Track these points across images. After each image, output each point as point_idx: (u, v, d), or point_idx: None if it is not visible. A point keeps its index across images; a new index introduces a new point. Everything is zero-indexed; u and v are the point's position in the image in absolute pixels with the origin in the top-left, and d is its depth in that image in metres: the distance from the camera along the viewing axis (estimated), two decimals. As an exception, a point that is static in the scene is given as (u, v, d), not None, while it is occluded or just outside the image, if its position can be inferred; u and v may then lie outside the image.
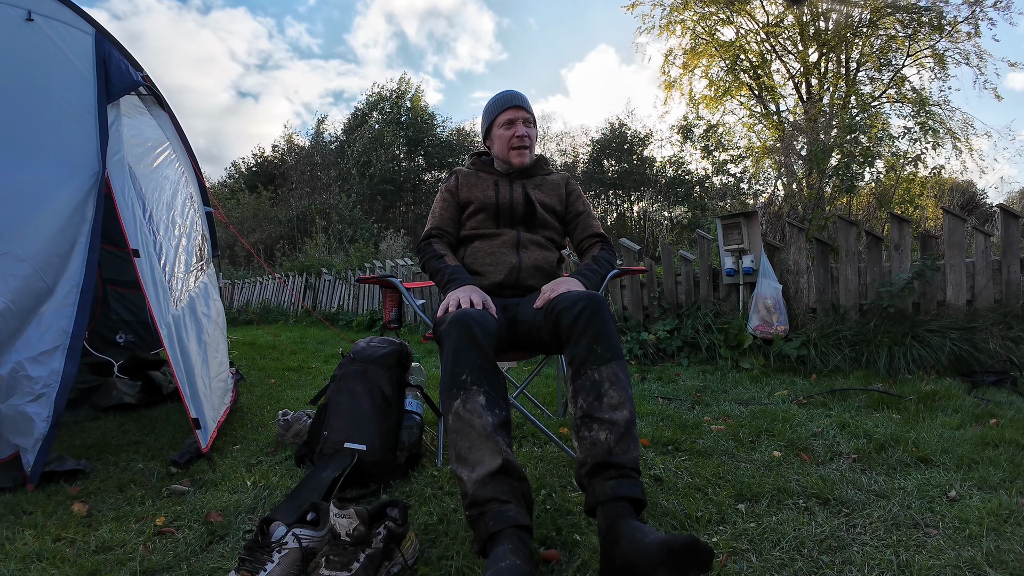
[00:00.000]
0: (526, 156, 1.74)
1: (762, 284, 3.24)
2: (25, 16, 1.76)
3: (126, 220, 1.77)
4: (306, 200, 14.66)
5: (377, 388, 1.67)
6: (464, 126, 19.25)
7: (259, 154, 20.46)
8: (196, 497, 1.52)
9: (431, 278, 1.66)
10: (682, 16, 10.64)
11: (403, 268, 6.13)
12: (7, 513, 1.43)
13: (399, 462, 1.63)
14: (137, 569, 1.15)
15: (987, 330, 2.78)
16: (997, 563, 1.05)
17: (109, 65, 1.87)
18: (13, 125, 1.71)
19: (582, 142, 17.12)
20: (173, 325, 1.86)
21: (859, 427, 1.92)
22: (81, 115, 1.77)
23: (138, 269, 1.77)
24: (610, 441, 1.10)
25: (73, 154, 1.74)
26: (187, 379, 1.81)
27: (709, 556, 0.87)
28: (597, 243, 1.79)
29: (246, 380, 3.24)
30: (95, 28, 1.89)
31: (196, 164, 2.87)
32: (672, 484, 1.49)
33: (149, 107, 2.40)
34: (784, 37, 10.42)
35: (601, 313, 1.23)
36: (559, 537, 1.22)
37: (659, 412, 2.24)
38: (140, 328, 3.44)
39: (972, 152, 9.31)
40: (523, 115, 1.73)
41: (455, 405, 1.12)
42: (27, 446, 1.56)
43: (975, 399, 2.25)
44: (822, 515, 1.28)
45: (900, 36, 9.31)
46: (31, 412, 1.55)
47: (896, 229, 3.10)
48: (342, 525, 1.05)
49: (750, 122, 11.22)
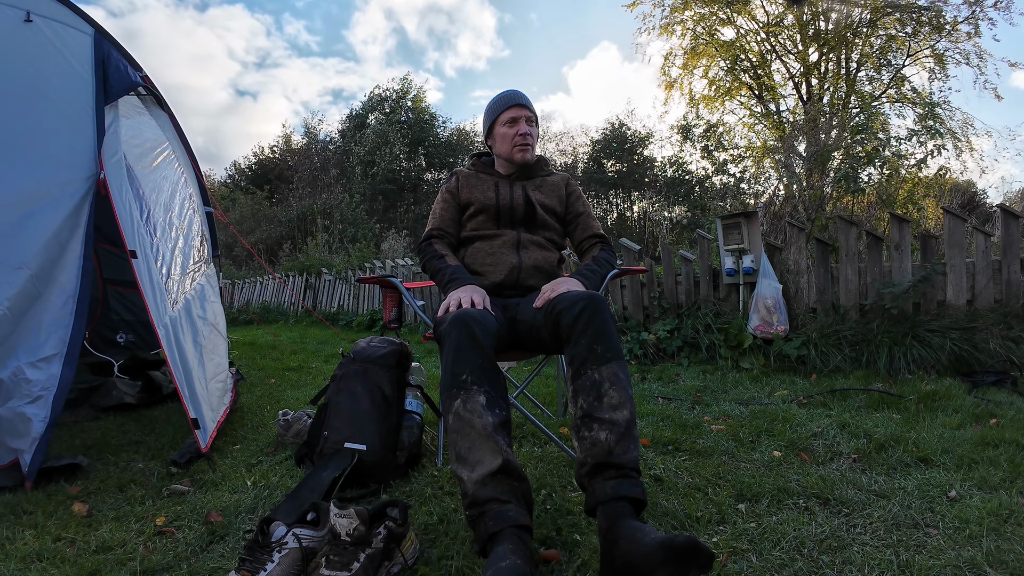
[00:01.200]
0: (528, 153, 1.75)
1: (762, 284, 3.24)
2: (24, 17, 1.76)
3: (123, 221, 1.77)
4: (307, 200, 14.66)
5: (377, 388, 1.67)
6: (464, 126, 19.25)
7: (259, 153, 20.48)
8: (196, 497, 1.52)
9: (431, 278, 1.66)
10: (682, 16, 10.64)
11: (403, 268, 6.13)
12: (7, 513, 1.43)
13: (399, 462, 1.63)
14: (137, 569, 1.15)
15: (987, 330, 2.78)
16: (997, 563, 1.05)
17: (108, 66, 1.87)
18: (10, 127, 1.70)
19: (582, 142, 17.13)
20: (171, 326, 1.86)
21: (859, 427, 1.92)
22: (79, 116, 1.77)
23: (135, 270, 1.77)
24: (610, 441, 1.10)
25: (70, 156, 1.74)
26: (185, 380, 1.81)
27: (710, 558, 0.87)
28: (597, 243, 1.79)
29: (246, 380, 3.24)
30: (94, 28, 1.89)
31: (196, 164, 2.87)
32: (672, 484, 1.49)
33: (149, 107, 2.39)
34: (784, 37, 10.42)
35: (601, 313, 1.23)
36: (559, 537, 1.22)
37: (659, 412, 2.24)
38: (140, 328, 3.44)
39: (972, 152, 9.32)
40: (526, 114, 1.74)
41: (455, 405, 1.12)
42: (24, 447, 1.56)
43: (975, 399, 2.24)
44: (822, 515, 1.28)
45: (900, 36, 9.31)
46: (29, 413, 1.56)
47: (896, 229, 3.10)
48: (342, 525, 1.05)
49: (750, 122, 11.22)
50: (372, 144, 16.78)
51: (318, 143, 19.17)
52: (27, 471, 1.56)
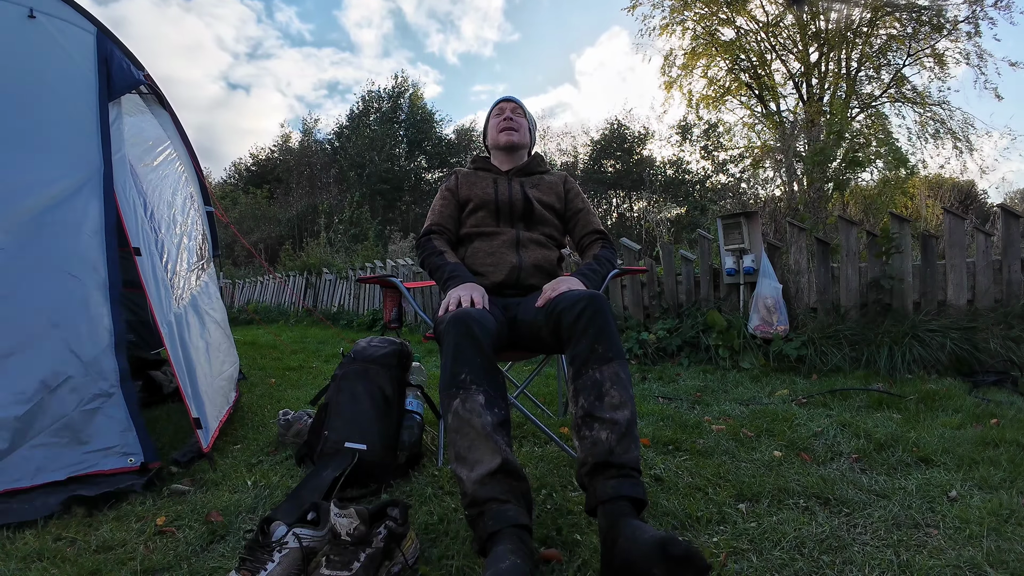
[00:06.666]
0: (514, 136, 1.84)
1: (762, 284, 3.24)
2: (27, 13, 1.76)
3: (127, 218, 1.77)
4: (306, 200, 14.66)
5: (378, 388, 1.67)
6: (464, 123, 19.25)
7: (256, 154, 20.48)
8: (197, 497, 1.52)
9: (430, 275, 1.66)
10: (682, 16, 10.65)
11: (404, 268, 6.13)
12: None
13: (399, 462, 1.63)
14: (138, 569, 1.15)
15: (988, 330, 2.78)
16: (998, 563, 1.05)
17: (111, 64, 1.87)
18: (14, 124, 1.70)
19: (582, 142, 17.13)
20: (175, 323, 1.86)
21: (859, 427, 1.92)
22: (82, 114, 1.77)
23: (139, 267, 1.78)
24: (611, 440, 1.10)
25: (74, 153, 1.74)
26: (188, 378, 1.81)
27: (706, 569, 0.87)
28: (598, 240, 1.80)
29: (247, 380, 3.24)
30: (97, 27, 1.89)
31: (197, 163, 2.87)
32: (672, 484, 1.49)
33: (150, 106, 2.40)
34: (784, 36, 10.42)
35: (602, 313, 1.23)
36: (559, 537, 1.22)
37: (660, 412, 2.24)
38: (141, 328, 3.44)
39: (972, 152, 9.32)
40: (511, 106, 1.89)
41: (454, 404, 1.12)
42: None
43: (976, 399, 2.24)
44: (823, 515, 1.28)
45: (900, 36, 9.31)
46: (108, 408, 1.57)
47: (896, 229, 3.10)
48: (343, 525, 1.05)
49: (750, 122, 11.23)
50: (361, 148, 16.76)
51: (316, 143, 19.16)
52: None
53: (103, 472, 1.53)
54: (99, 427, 1.56)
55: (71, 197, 1.68)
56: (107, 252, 1.69)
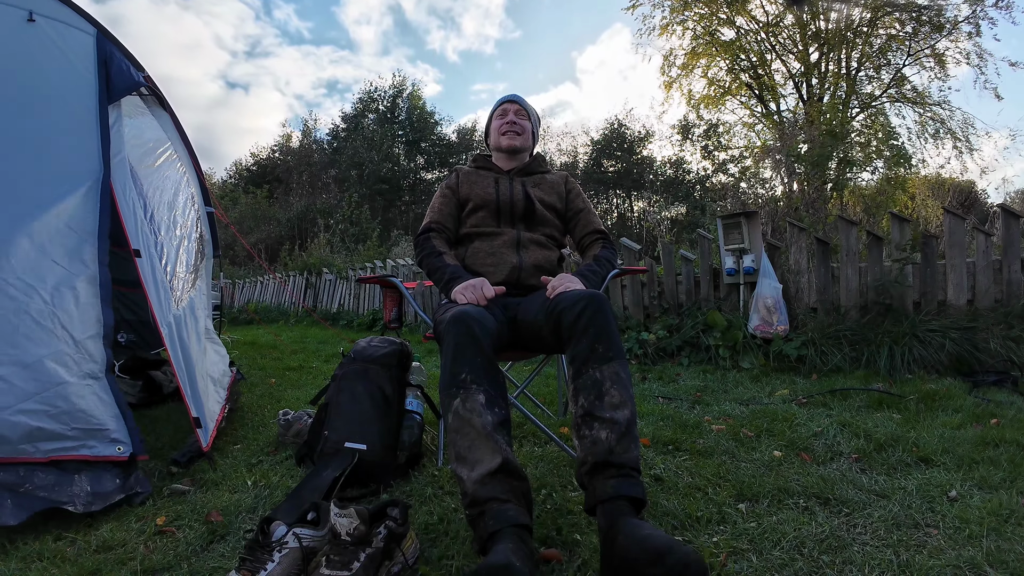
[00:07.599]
0: (516, 141, 1.83)
1: (762, 284, 3.24)
2: (27, 17, 1.76)
3: (127, 220, 1.77)
4: (306, 200, 14.66)
5: (378, 388, 1.67)
6: (464, 123, 19.26)
7: (257, 152, 20.50)
8: (197, 497, 1.52)
9: (428, 275, 1.66)
10: (682, 16, 10.65)
11: (404, 268, 6.13)
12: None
13: (400, 462, 1.63)
14: (138, 568, 1.15)
15: (988, 330, 2.78)
16: (998, 563, 1.05)
17: (111, 66, 1.87)
18: (13, 127, 1.70)
19: (582, 142, 17.14)
20: (174, 324, 1.86)
21: (859, 427, 1.92)
22: (82, 116, 1.77)
23: (139, 269, 1.78)
24: (611, 440, 1.10)
25: (74, 155, 1.74)
26: (188, 378, 1.81)
27: (704, 571, 0.87)
28: (598, 240, 1.80)
29: (247, 380, 3.24)
30: (96, 29, 1.90)
31: (197, 164, 2.87)
32: (672, 484, 1.49)
33: (150, 107, 2.40)
34: (784, 36, 10.42)
35: (603, 312, 1.23)
36: (559, 536, 1.22)
37: (659, 412, 2.24)
38: (141, 328, 3.44)
39: (972, 152, 9.32)
40: (514, 107, 1.86)
41: (454, 404, 1.12)
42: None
43: (976, 399, 2.24)
44: (822, 515, 1.28)
45: (900, 36, 9.31)
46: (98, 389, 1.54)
47: (897, 229, 3.10)
48: (343, 525, 1.06)
49: (750, 122, 11.23)
50: (358, 148, 16.76)
51: (316, 143, 19.17)
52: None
53: (88, 458, 1.47)
54: (91, 404, 1.52)
55: (70, 201, 1.68)
56: (99, 255, 1.67)
